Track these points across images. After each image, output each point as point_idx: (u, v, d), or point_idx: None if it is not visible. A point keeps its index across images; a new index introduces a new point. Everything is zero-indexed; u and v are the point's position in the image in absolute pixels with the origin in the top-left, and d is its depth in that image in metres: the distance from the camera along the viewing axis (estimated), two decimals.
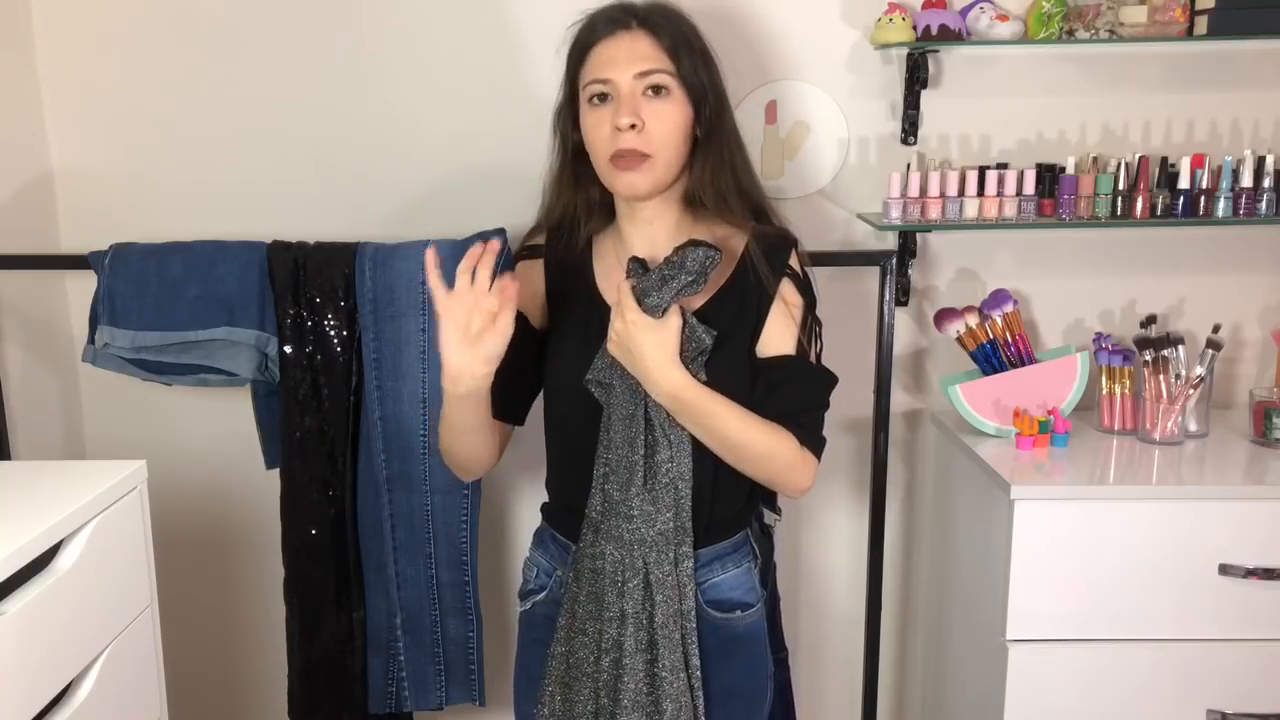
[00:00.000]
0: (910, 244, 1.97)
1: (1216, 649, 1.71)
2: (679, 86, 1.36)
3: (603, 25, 1.38)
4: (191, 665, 2.14)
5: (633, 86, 1.34)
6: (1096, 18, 1.84)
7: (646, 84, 1.34)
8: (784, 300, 1.40)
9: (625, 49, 1.35)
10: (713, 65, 1.40)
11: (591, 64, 1.38)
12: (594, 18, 1.40)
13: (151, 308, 1.80)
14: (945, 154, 1.98)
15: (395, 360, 1.80)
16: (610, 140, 1.35)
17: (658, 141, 1.34)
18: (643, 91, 1.35)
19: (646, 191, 1.37)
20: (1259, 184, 1.83)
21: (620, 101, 1.34)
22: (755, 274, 1.39)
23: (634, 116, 1.33)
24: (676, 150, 1.37)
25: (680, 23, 1.39)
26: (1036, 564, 1.69)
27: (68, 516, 1.27)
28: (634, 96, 1.34)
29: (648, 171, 1.35)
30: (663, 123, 1.35)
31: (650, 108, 1.34)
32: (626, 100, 1.34)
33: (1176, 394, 1.83)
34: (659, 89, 1.35)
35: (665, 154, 1.36)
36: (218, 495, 2.09)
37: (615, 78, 1.35)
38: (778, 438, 1.36)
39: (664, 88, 1.35)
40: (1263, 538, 1.67)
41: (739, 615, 1.44)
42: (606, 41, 1.37)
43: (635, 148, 1.34)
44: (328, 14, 1.93)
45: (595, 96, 1.37)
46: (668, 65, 1.35)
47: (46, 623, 1.22)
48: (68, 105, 1.97)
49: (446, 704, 1.90)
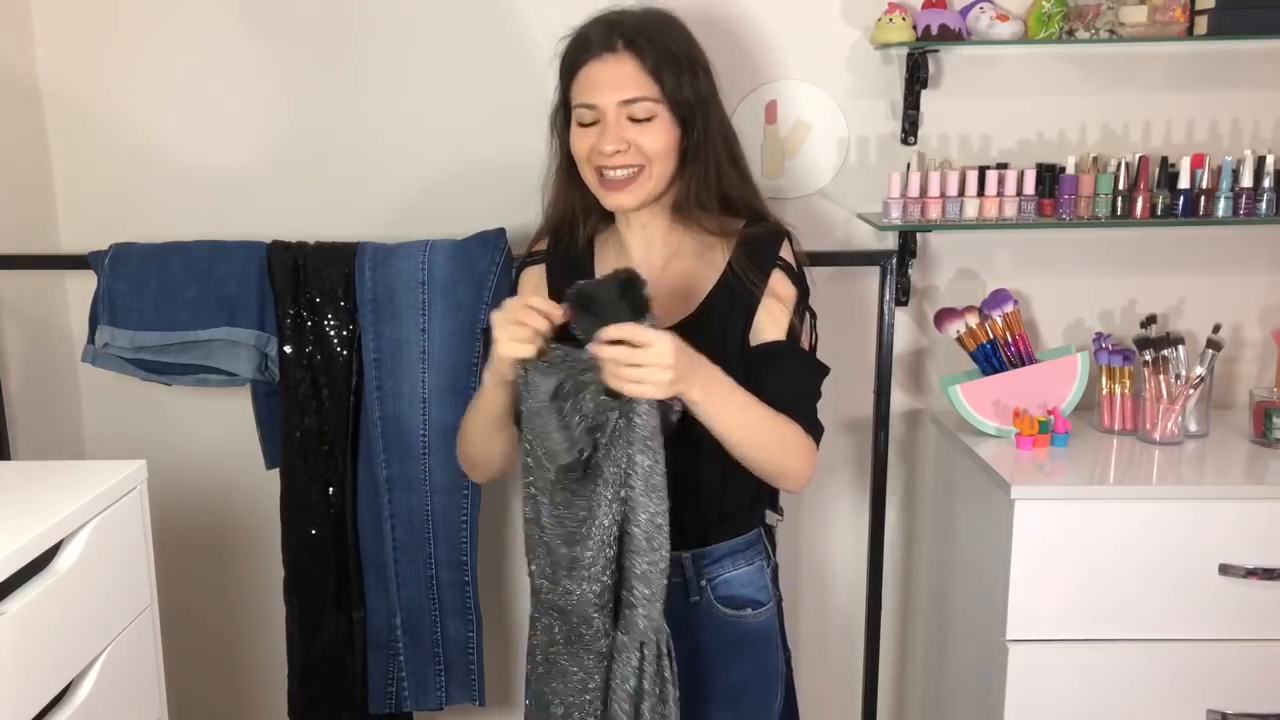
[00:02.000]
0: (910, 244, 1.97)
1: (1216, 649, 1.70)
2: (664, 108, 1.37)
3: (590, 45, 1.39)
4: (191, 665, 2.14)
5: (617, 112, 1.36)
6: (1096, 18, 1.84)
7: (629, 112, 1.36)
8: (774, 293, 1.41)
9: (610, 74, 1.37)
10: (701, 74, 1.40)
11: (579, 85, 1.40)
12: (583, 32, 1.41)
13: (151, 308, 1.80)
14: (945, 154, 1.98)
15: (395, 360, 1.80)
16: (594, 161, 1.38)
17: (647, 154, 1.37)
18: (627, 117, 1.36)
19: (634, 206, 1.40)
20: (1259, 184, 1.83)
21: (606, 127, 1.37)
22: (740, 278, 1.40)
23: (619, 143, 1.36)
24: (662, 166, 1.39)
25: (668, 37, 1.39)
26: (1036, 564, 1.69)
27: (68, 516, 1.27)
28: (619, 123, 1.37)
29: (636, 190, 1.38)
30: (649, 143, 1.37)
31: (635, 131, 1.37)
32: (612, 127, 1.36)
33: (1176, 394, 1.83)
34: (643, 119, 1.37)
35: (656, 165, 1.38)
36: (218, 495, 2.09)
37: (600, 103, 1.37)
38: (787, 423, 1.36)
39: (648, 116, 1.37)
40: (1262, 538, 1.67)
41: (749, 614, 1.45)
42: (593, 64, 1.38)
43: (622, 164, 1.37)
44: (328, 13, 1.93)
45: (584, 120, 1.39)
46: (651, 90, 1.36)
47: (46, 623, 1.22)
48: (68, 105, 1.97)
49: (446, 704, 1.90)
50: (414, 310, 1.80)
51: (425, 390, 1.80)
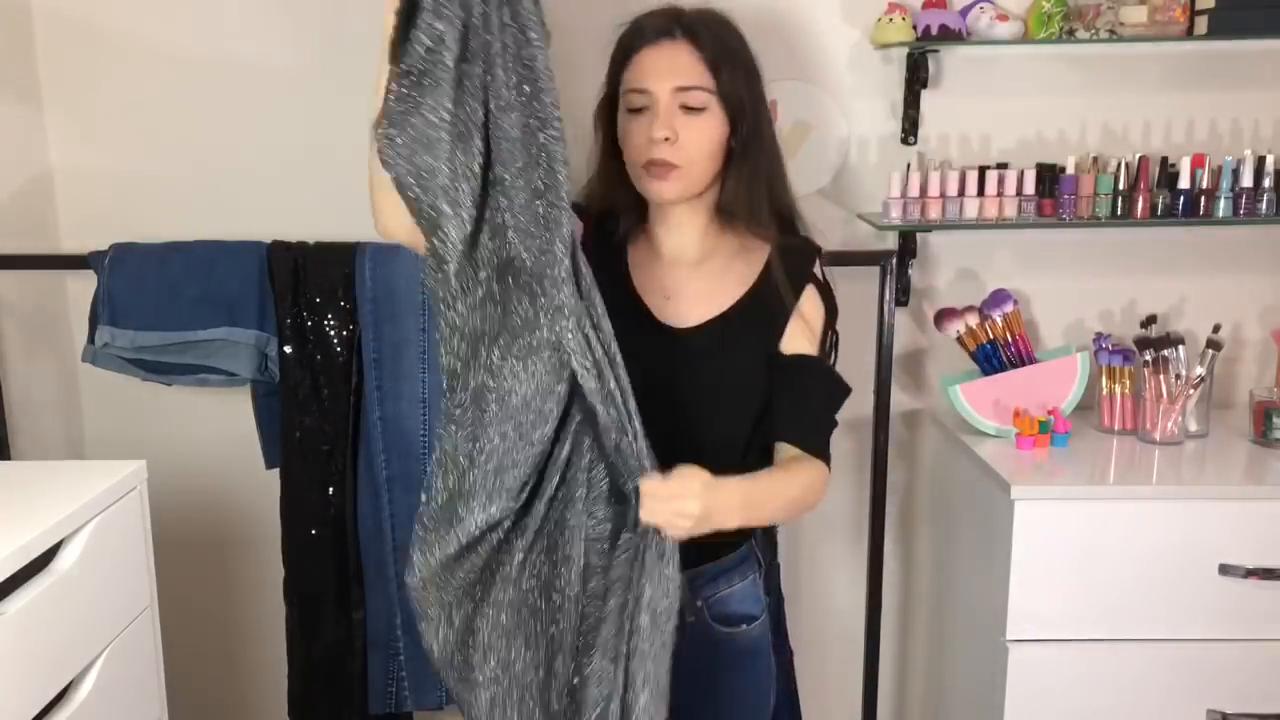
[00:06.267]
0: (910, 244, 1.97)
1: (1216, 649, 1.70)
2: (716, 102, 1.35)
3: (648, 32, 1.37)
4: (191, 665, 2.14)
5: (670, 99, 1.34)
6: (1096, 18, 1.84)
7: (683, 100, 1.34)
8: (803, 314, 1.41)
9: (667, 60, 1.35)
10: (755, 77, 1.40)
11: (633, 70, 1.38)
12: (640, 22, 1.39)
13: (151, 308, 1.80)
14: (945, 154, 1.98)
15: (395, 360, 1.80)
16: (645, 148, 1.36)
17: (690, 154, 1.35)
18: (680, 106, 1.35)
19: (675, 198, 1.39)
20: (1259, 184, 1.83)
21: (657, 113, 1.35)
22: (775, 288, 1.40)
23: (669, 130, 1.34)
24: (708, 163, 1.37)
25: (726, 34, 1.38)
26: (1036, 564, 1.68)
27: (68, 516, 1.27)
28: (670, 110, 1.34)
29: (677, 180, 1.36)
30: (697, 136, 1.35)
31: (685, 121, 1.35)
32: (664, 113, 1.34)
33: (1176, 394, 1.83)
34: (696, 107, 1.35)
35: (696, 167, 1.36)
36: (218, 495, 2.09)
37: (654, 88, 1.35)
38: (803, 475, 1.36)
39: (701, 106, 1.35)
40: (1262, 538, 1.67)
41: (744, 629, 1.44)
42: (649, 50, 1.36)
43: (667, 159, 1.35)
44: (328, 13, 1.93)
45: (636, 106, 1.37)
46: (707, 81, 1.34)
47: (46, 623, 1.22)
48: (68, 105, 1.97)
49: (446, 704, 1.90)
50: (414, 310, 1.80)
51: (425, 390, 1.80)
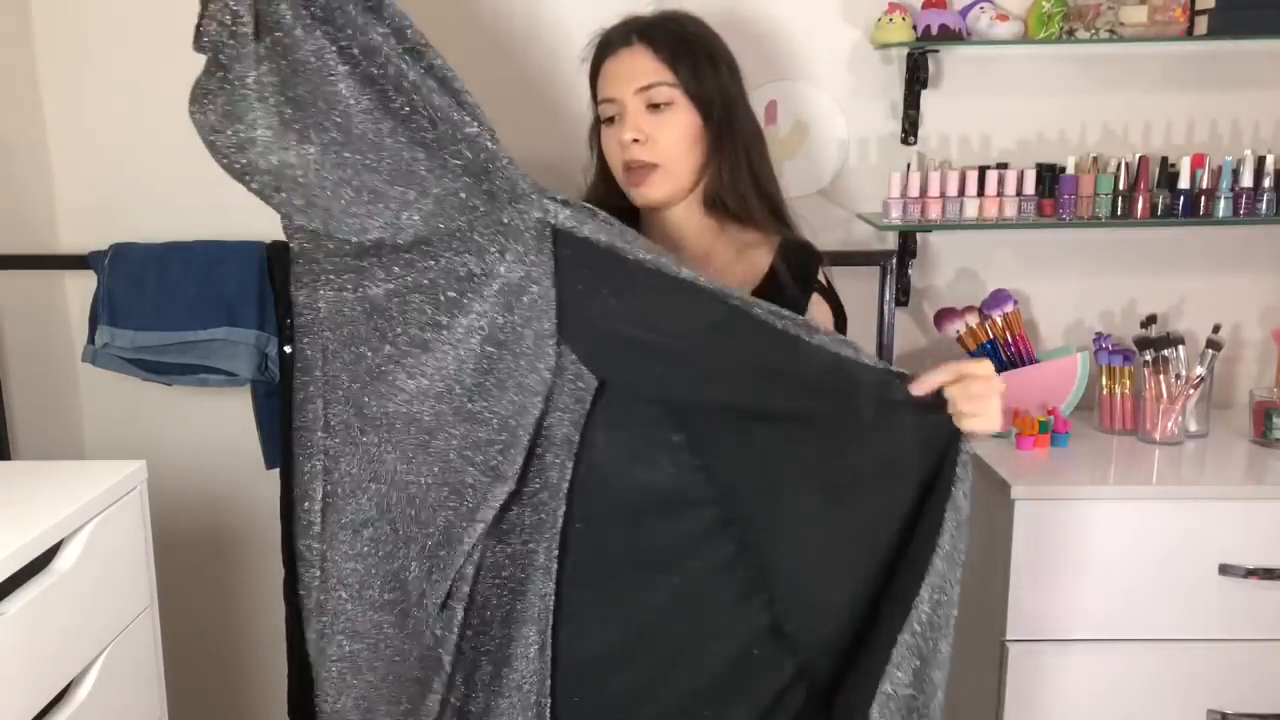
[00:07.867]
0: (910, 244, 1.97)
1: (1217, 649, 1.70)
2: (681, 95, 1.37)
3: (610, 44, 1.41)
4: (191, 665, 2.14)
5: (634, 101, 1.37)
6: (1096, 18, 1.84)
7: (647, 99, 1.37)
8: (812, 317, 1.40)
9: (625, 66, 1.38)
10: (722, 67, 1.40)
11: (600, 83, 1.42)
12: (603, 37, 1.43)
13: (151, 308, 1.80)
14: (945, 154, 1.98)
15: None
16: (619, 154, 1.39)
17: (665, 150, 1.37)
18: (645, 106, 1.37)
19: (660, 200, 1.40)
20: (1259, 184, 1.83)
21: (625, 118, 1.37)
22: (782, 291, 1.40)
23: (636, 131, 1.36)
24: (688, 156, 1.39)
25: (684, 30, 1.40)
26: (1036, 564, 1.68)
27: (68, 516, 1.27)
28: (637, 111, 1.37)
29: (659, 181, 1.38)
30: (668, 131, 1.37)
31: (654, 119, 1.37)
32: (630, 115, 1.37)
33: (1176, 394, 1.83)
34: (660, 104, 1.37)
35: (675, 163, 1.38)
36: (218, 495, 2.09)
37: (617, 94, 1.38)
38: None
39: (666, 102, 1.36)
40: (1263, 538, 1.67)
41: None
42: (610, 60, 1.40)
43: (642, 159, 1.37)
44: None
45: (607, 116, 1.40)
46: (666, 76, 1.36)
47: (46, 623, 1.22)
48: (67, 105, 1.97)
49: None
50: None
51: None
